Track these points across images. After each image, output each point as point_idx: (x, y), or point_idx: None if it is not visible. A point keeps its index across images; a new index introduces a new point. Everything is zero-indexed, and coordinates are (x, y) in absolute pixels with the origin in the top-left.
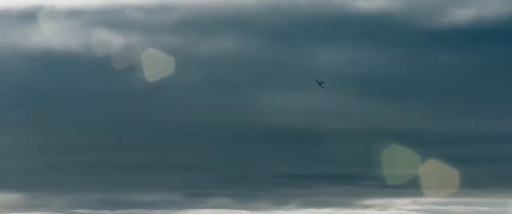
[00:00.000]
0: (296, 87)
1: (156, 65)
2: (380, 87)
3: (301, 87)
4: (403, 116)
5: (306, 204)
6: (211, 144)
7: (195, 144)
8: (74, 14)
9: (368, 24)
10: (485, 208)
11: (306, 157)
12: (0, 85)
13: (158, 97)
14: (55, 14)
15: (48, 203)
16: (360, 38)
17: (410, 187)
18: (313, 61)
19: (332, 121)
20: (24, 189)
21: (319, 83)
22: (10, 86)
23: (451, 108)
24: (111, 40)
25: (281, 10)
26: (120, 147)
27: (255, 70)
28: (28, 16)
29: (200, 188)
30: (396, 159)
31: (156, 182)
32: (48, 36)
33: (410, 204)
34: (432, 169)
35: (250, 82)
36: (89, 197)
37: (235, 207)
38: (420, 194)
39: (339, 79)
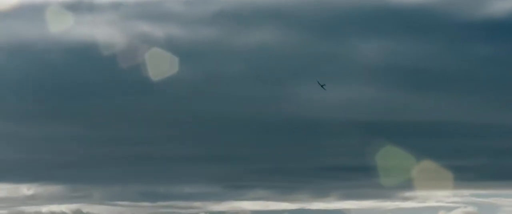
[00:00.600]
0: (336, 79)
1: (198, 59)
2: (419, 78)
3: (341, 79)
4: (442, 107)
5: (346, 196)
6: (251, 136)
7: (236, 136)
8: (115, 6)
9: (408, 16)
10: None
11: (347, 149)
12: (42, 77)
13: (198, 90)
14: (96, 7)
15: (89, 194)
16: (400, 30)
17: (450, 179)
18: (353, 53)
19: (371, 113)
20: (66, 181)
21: (321, 86)
22: (51, 79)
23: (491, 99)
24: (151, 33)
25: (321, 2)
26: (160, 139)
27: (294, 62)
28: (70, 9)
29: (240, 180)
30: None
31: (196, 174)
32: (89, 29)
33: (450, 196)
34: (473, 160)
35: (290, 75)
36: (129, 189)
37: (275, 199)
38: (461, 186)
39: (379, 71)
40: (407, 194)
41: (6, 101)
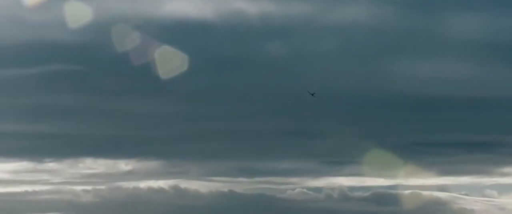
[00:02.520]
0: (430, 54)
1: (292, 35)
2: None
3: (437, 55)
4: None
5: (444, 172)
6: (347, 112)
7: (331, 112)
8: None
9: None
10: None
11: (444, 125)
12: (136, 55)
13: (293, 66)
14: None
15: (186, 170)
16: (496, 4)
17: None
18: (448, 28)
19: (468, 89)
20: (163, 157)
21: (311, 94)
22: (145, 56)
23: None
24: (245, 9)
25: None
26: (256, 115)
27: (389, 38)
28: None
29: (337, 156)
30: None
31: (293, 150)
32: (183, 5)
33: None
34: None
35: (385, 51)
36: (226, 165)
37: (371, 175)
38: None
39: (474, 47)
40: (506, 169)
41: (103, 79)
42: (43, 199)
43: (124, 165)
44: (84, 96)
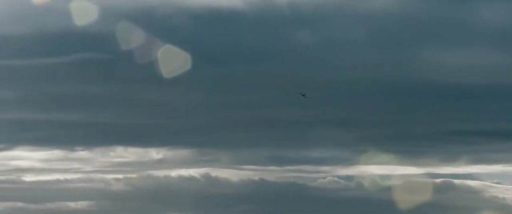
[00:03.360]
0: (462, 43)
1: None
2: None
3: (467, 43)
4: None
5: (475, 160)
6: (377, 101)
7: (363, 101)
8: None
9: None
10: None
11: (475, 113)
12: (170, 42)
13: (322, 54)
14: None
15: (217, 159)
16: None
17: None
18: (477, 17)
19: (499, 77)
20: (194, 145)
21: (302, 95)
22: (175, 44)
23: None
24: None
25: None
26: (288, 104)
27: (418, 26)
28: None
29: (368, 144)
30: None
31: (324, 139)
32: None
33: None
34: None
35: (415, 39)
36: (257, 153)
37: (403, 164)
38: None
39: (504, 35)
40: None
41: (134, 68)
42: (75, 187)
43: (155, 154)
44: (115, 85)
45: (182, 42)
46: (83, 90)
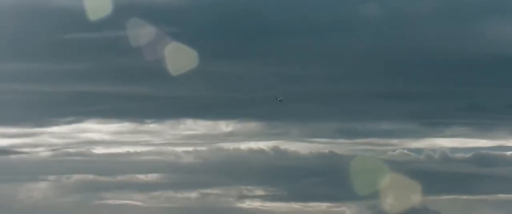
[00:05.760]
0: None
1: None
2: None
3: None
4: None
5: None
6: (448, 72)
7: (432, 73)
8: None
9: None
10: None
11: None
12: (228, 14)
13: (393, 26)
14: None
15: (286, 132)
16: None
17: None
18: None
19: None
20: (263, 118)
21: (278, 100)
22: (238, 16)
23: None
24: None
25: None
26: (358, 76)
27: None
28: None
29: (438, 117)
30: None
31: (393, 111)
32: None
33: None
34: None
35: (484, 11)
36: (327, 126)
37: (473, 136)
38: None
39: None
40: None
41: (203, 41)
42: (145, 160)
43: (224, 126)
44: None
45: (247, 16)
46: (153, 64)
